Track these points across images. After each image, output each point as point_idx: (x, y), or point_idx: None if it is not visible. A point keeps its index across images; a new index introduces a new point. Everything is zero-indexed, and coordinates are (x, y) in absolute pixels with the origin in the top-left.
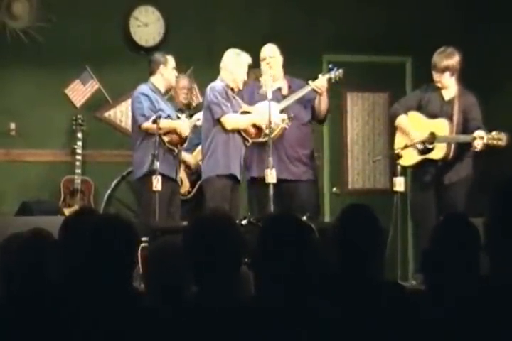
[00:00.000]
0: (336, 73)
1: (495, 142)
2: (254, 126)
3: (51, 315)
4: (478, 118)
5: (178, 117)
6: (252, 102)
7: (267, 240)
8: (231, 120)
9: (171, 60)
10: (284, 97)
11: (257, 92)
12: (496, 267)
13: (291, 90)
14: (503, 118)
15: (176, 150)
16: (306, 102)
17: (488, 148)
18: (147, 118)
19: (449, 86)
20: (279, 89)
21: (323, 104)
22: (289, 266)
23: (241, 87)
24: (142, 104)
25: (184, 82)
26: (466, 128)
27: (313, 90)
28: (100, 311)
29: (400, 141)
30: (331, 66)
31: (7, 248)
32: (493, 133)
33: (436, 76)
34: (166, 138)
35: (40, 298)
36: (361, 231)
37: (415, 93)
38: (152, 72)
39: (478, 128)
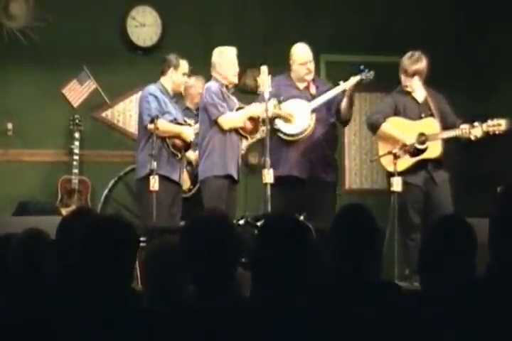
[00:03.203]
0: (367, 74)
1: (495, 128)
2: (251, 120)
3: (49, 316)
4: (451, 111)
5: (185, 122)
6: (278, 97)
7: (264, 240)
8: (228, 120)
9: (183, 65)
10: (313, 96)
11: (284, 89)
12: (498, 265)
13: (319, 90)
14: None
15: (180, 155)
16: (331, 103)
17: (487, 135)
18: None
19: (418, 89)
20: (307, 87)
21: (350, 105)
22: (287, 266)
23: (236, 81)
24: (150, 104)
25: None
26: (445, 124)
27: (343, 91)
28: (98, 311)
29: (385, 147)
30: (362, 67)
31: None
32: (490, 120)
33: (405, 80)
34: (169, 142)
35: (38, 298)
36: (358, 231)
37: (387, 101)
38: (163, 73)
39: (462, 122)
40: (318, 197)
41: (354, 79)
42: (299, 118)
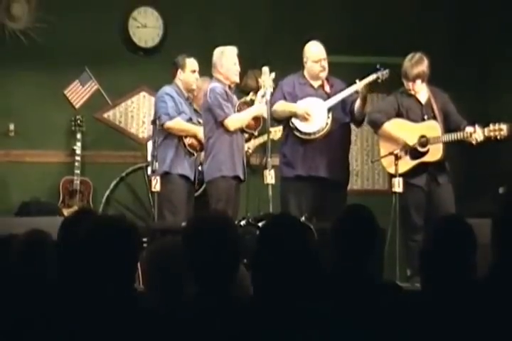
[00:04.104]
0: (383, 73)
1: (496, 133)
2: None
3: (51, 317)
4: (455, 111)
5: (199, 122)
6: (293, 96)
7: (266, 241)
8: (234, 121)
9: (189, 64)
10: (328, 94)
11: (299, 87)
12: (500, 265)
13: (334, 89)
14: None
15: (196, 154)
16: (346, 103)
17: (489, 140)
18: (171, 118)
19: (421, 90)
20: (321, 86)
21: (363, 106)
22: (288, 266)
23: (238, 80)
24: (166, 103)
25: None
26: (448, 124)
27: (357, 92)
28: (100, 312)
29: (386, 147)
30: (378, 66)
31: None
32: (491, 125)
33: (408, 85)
34: (187, 141)
35: (39, 298)
36: (359, 232)
37: (390, 101)
38: (173, 75)
39: (467, 124)
40: (333, 197)
41: (370, 78)
42: (316, 116)
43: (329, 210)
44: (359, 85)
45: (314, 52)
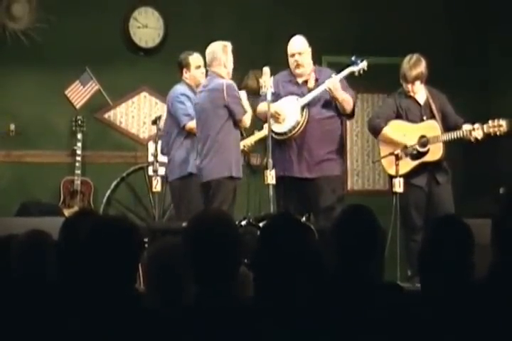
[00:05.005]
0: (360, 66)
1: (496, 129)
2: None
3: (51, 317)
4: (453, 112)
5: None
6: (276, 95)
7: (266, 241)
8: (248, 118)
9: (193, 60)
10: (310, 90)
11: (282, 85)
12: (500, 265)
13: (318, 83)
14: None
15: None
16: (329, 97)
17: (489, 137)
18: (192, 118)
19: (420, 90)
20: (305, 82)
21: (343, 102)
22: (289, 266)
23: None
24: (185, 103)
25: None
26: (447, 124)
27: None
28: (100, 312)
29: (386, 151)
30: (353, 58)
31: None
32: (490, 121)
33: (407, 87)
34: None
35: (40, 299)
36: (360, 232)
37: (389, 104)
38: (181, 75)
39: (464, 122)
40: (316, 196)
41: (344, 72)
42: (288, 115)
43: (316, 209)
44: (333, 80)
45: (289, 46)
